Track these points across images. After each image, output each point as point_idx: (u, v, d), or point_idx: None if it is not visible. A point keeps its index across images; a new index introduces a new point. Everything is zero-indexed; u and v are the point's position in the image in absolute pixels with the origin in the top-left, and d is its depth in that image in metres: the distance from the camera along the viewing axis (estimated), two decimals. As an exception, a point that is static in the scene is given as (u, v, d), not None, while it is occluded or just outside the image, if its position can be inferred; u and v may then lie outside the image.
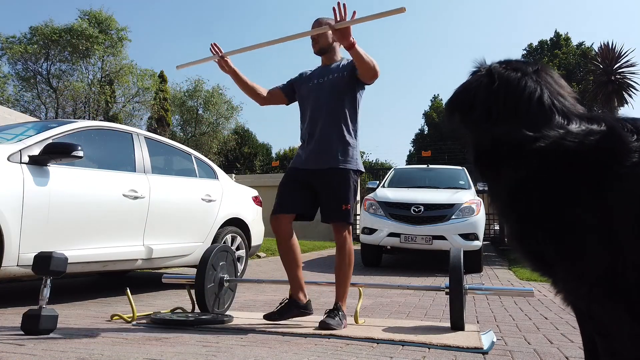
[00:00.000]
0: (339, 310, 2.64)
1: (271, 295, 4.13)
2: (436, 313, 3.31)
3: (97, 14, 22.86)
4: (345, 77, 2.68)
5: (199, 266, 2.87)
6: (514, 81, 1.15)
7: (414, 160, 27.35)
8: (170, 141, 4.69)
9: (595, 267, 0.94)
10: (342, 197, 2.64)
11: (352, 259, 2.73)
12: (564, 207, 0.98)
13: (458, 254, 2.66)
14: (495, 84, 1.16)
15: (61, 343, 2.07)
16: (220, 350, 1.97)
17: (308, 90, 2.78)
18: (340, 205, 2.63)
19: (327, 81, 2.72)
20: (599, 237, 0.93)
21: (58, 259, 2.31)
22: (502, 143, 1.08)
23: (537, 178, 1.02)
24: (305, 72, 2.90)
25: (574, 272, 0.98)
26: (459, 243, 6.13)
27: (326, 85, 2.71)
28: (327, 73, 2.75)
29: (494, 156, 1.12)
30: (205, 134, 27.09)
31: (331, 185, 2.65)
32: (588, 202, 0.95)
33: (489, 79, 1.17)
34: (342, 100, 2.69)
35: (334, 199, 2.65)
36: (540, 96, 1.11)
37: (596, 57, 19.09)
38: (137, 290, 4.21)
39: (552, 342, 2.39)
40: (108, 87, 22.28)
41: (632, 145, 0.95)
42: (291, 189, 2.75)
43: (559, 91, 1.16)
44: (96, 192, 3.53)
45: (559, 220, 0.98)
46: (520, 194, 1.05)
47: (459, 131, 1.25)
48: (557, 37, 32.28)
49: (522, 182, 1.04)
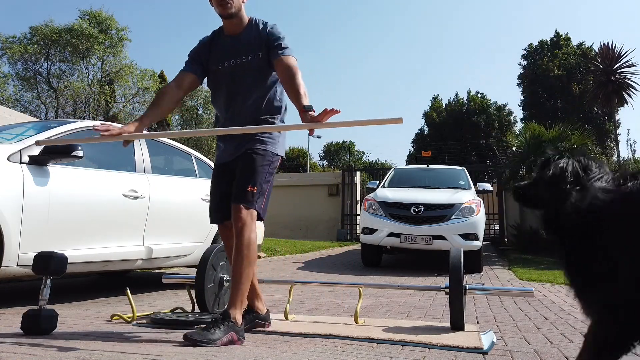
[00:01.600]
0: (226, 319, 2.11)
1: (271, 295, 4.13)
2: (436, 313, 3.31)
3: (97, 14, 22.87)
4: (262, 60, 2.35)
5: (199, 266, 2.87)
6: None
7: (414, 160, 27.37)
8: (170, 141, 4.69)
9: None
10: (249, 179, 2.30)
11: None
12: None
13: (458, 254, 2.66)
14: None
15: (61, 343, 2.07)
16: (220, 350, 1.97)
17: (219, 73, 2.42)
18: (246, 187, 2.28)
19: (241, 64, 2.36)
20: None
21: (58, 259, 2.31)
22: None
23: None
24: (205, 39, 2.49)
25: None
26: (459, 243, 6.13)
27: (240, 69, 2.36)
28: (239, 53, 2.36)
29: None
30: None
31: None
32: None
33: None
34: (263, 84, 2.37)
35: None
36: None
37: (596, 57, 19.09)
38: (137, 290, 4.21)
39: (552, 342, 2.39)
40: (108, 87, 22.30)
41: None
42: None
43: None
44: (96, 192, 3.53)
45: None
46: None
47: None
48: (557, 37, 32.28)
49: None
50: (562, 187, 1.27)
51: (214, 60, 2.44)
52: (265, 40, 2.35)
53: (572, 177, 1.28)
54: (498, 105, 34.54)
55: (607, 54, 17.87)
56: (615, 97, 17.63)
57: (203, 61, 2.46)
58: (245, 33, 2.41)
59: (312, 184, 15.46)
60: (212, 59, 2.45)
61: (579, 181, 1.27)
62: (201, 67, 2.46)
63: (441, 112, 34.67)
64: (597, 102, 19.54)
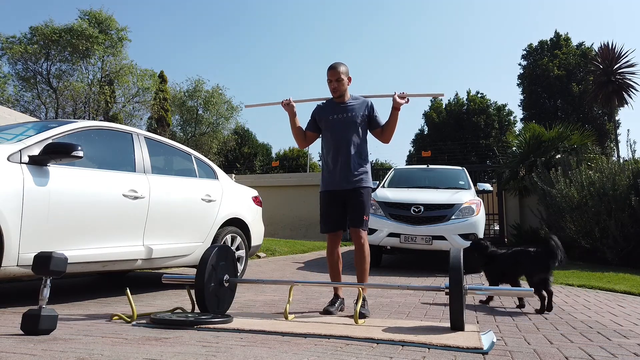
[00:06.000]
0: (364, 299, 3.16)
1: (271, 295, 4.13)
2: (436, 313, 3.31)
3: (97, 14, 22.84)
4: (358, 118, 3.35)
5: (199, 266, 2.87)
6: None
7: (414, 160, 27.36)
8: (170, 141, 4.68)
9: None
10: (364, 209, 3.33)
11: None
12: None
13: (458, 254, 2.66)
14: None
15: (61, 343, 2.07)
16: (219, 351, 1.97)
17: (328, 123, 3.38)
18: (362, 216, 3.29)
19: (344, 118, 3.35)
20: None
21: (58, 259, 2.31)
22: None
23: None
24: (320, 105, 3.52)
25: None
26: (458, 243, 6.13)
27: (343, 121, 3.35)
28: (343, 111, 3.37)
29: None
30: (205, 134, 27.09)
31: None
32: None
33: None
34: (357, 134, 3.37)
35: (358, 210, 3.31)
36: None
37: (596, 58, 19.10)
38: (137, 290, 4.21)
39: (552, 342, 2.39)
40: (108, 87, 22.27)
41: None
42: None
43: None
44: (96, 192, 3.52)
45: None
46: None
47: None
48: (557, 37, 32.28)
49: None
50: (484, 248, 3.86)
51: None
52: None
53: (487, 245, 3.87)
54: (498, 105, 34.55)
55: (607, 54, 17.88)
56: (615, 97, 17.64)
57: (316, 118, 3.56)
58: (349, 103, 3.44)
59: (312, 184, 15.44)
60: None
61: (487, 248, 3.84)
62: (315, 124, 3.54)
63: (441, 112, 34.67)
64: (597, 102, 19.54)
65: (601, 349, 2.25)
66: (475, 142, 32.04)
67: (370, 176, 3.39)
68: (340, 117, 3.34)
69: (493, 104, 34.58)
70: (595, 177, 8.09)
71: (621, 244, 7.57)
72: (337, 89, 3.34)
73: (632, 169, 8.03)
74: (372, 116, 3.39)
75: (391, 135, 3.35)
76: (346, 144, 3.29)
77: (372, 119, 3.40)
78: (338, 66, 3.32)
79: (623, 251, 7.58)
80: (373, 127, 3.40)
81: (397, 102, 3.25)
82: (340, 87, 3.33)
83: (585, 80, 27.82)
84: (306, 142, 3.51)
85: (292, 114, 3.44)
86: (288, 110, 3.45)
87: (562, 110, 29.90)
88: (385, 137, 3.36)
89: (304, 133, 3.49)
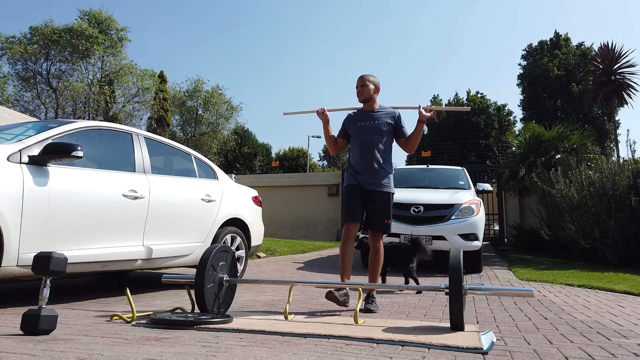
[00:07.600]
0: (372, 296, 3.44)
1: (271, 295, 4.13)
2: (436, 313, 3.31)
3: (97, 14, 22.82)
4: (384, 126, 3.51)
5: (198, 266, 2.87)
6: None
7: (414, 160, 27.33)
8: (170, 141, 4.68)
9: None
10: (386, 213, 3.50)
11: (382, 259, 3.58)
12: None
13: (458, 254, 2.66)
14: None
15: (61, 343, 2.07)
16: (219, 351, 1.97)
17: (356, 130, 3.55)
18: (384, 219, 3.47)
19: (371, 125, 3.50)
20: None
21: (58, 259, 2.31)
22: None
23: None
24: (350, 114, 3.68)
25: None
26: (458, 243, 6.13)
27: (370, 128, 3.51)
28: (370, 119, 3.53)
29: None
30: (205, 134, 27.07)
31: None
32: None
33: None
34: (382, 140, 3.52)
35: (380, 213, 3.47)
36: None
37: (596, 58, 19.07)
38: (137, 290, 4.21)
39: (551, 342, 2.39)
40: (108, 87, 22.25)
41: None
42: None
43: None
44: (96, 192, 3.52)
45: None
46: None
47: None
48: (557, 37, 32.27)
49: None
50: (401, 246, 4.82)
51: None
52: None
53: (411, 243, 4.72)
54: (498, 105, 34.54)
55: (607, 54, 17.86)
56: (615, 97, 17.62)
57: (346, 126, 3.73)
58: (376, 112, 3.60)
59: (312, 184, 15.46)
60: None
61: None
62: (345, 132, 3.72)
63: (441, 113, 34.64)
64: (597, 102, 19.52)
65: (601, 349, 2.25)
66: (475, 142, 32.04)
67: (392, 182, 3.52)
68: (368, 124, 3.50)
69: (493, 104, 34.57)
70: (595, 177, 8.09)
71: (621, 244, 7.57)
72: (362, 93, 3.53)
73: (631, 169, 8.03)
74: (399, 126, 3.54)
75: (415, 146, 3.50)
76: (371, 149, 3.45)
77: (399, 129, 3.54)
78: (366, 75, 3.58)
79: (623, 251, 7.58)
80: (399, 137, 3.56)
81: (423, 114, 3.38)
82: (364, 91, 3.52)
83: (585, 80, 27.82)
84: (337, 148, 3.68)
85: (325, 122, 3.64)
86: (322, 118, 3.64)
87: (562, 110, 29.90)
88: (409, 147, 3.52)
89: (335, 140, 3.66)
